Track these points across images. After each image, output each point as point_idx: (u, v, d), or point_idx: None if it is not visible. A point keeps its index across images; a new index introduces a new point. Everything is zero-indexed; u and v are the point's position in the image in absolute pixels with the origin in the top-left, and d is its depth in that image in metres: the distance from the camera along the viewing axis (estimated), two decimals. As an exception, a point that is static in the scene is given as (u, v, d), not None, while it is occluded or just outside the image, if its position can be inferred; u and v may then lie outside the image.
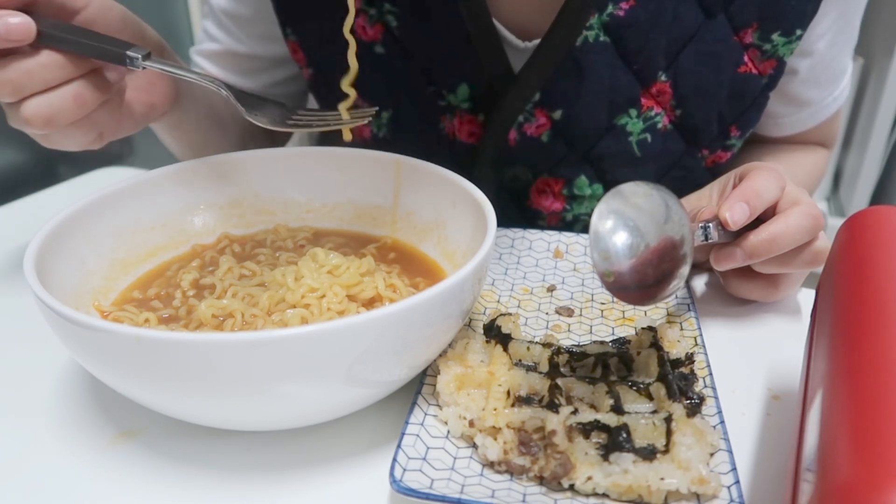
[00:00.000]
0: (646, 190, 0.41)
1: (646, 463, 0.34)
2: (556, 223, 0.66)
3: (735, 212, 0.44)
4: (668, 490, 0.33)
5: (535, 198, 0.65)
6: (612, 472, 0.34)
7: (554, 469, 0.35)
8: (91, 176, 0.81)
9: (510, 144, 0.62)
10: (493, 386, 0.39)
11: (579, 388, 0.40)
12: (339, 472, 0.38)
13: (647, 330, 0.44)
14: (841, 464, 0.24)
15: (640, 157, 0.62)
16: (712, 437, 0.36)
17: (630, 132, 0.61)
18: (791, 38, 0.58)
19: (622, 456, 0.34)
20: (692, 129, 0.62)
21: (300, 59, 0.66)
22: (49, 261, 0.40)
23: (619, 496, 0.34)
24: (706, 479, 0.33)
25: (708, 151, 0.64)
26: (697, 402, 0.39)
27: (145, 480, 0.37)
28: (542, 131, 0.61)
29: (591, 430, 0.36)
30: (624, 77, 0.58)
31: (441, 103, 0.62)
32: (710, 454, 0.36)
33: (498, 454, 0.36)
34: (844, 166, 1.72)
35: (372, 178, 0.53)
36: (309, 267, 0.44)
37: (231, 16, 0.68)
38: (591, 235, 0.39)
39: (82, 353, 0.35)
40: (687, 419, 0.36)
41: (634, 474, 0.34)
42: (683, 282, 0.42)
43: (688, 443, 0.35)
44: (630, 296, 0.41)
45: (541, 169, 0.63)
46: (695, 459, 0.34)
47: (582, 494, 0.35)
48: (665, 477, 0.33)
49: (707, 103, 0.60)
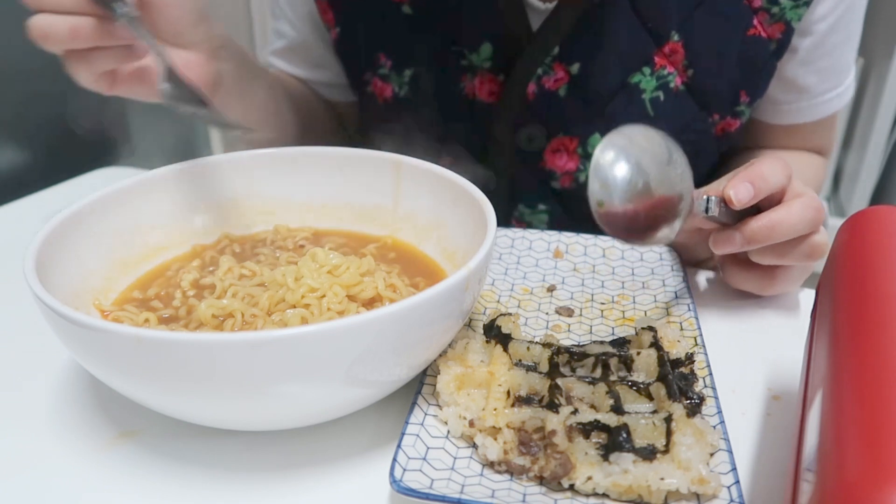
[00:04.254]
0: (653, 135, 0.43)
1: (646, 463, 0.34)
2: (568, 184, 0.67)
3: (739, 190, 0.45)
4: (668, 490, 0.33)
5: (550, 158, 0.66)
6: (612, 472, 0.34)
7: (554, 469, 0.35)
8: (91, 176, 0.81)
9: (529, 100, 0.63)
10: (494, 386, 0.39)
11: (579, 388, 0.40)
12: (339, 472, 0.38)
13: (646, 330, 0.44)
14: (841, 464, 0.24)
15: (653, 116, 0.63)
16: (712, 437, 0.36)
17: (643, 90, 0.63)
18: (798, 2, 0.60)
19: (622, 456, 0.34)
20: (703, 91, 0.63)
21: (329, 19, 0.69)
22: (49, 261, 0.40)
23: (618, 496, 0.34)
24: (706, 479, 0.33)
25: (718, 116, 0.66)
26: (697, 401, 0.39)
27: (145, 480, 0.37)
28: (560, 85, 0.63)
29: (591, 430, 0.36)
30: (638, 35, 0.61)
31: (463, 63, 0.65)
32: (710, 454, 0.36)
33: (498, 454, 0.36)
34: (844, 166, 1.72)
35: (372, 178, 0.53)
36: (309, 267, 0.44)
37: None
38: (591, 164, 0.41)
39: (82, 353, 0.35)
40: (687, 419, 0.36)
41: (634, 474, 0.34)
42: (673, 235, 0.43)
43: (688, 443, 0.35)
44: (618, 230, 0.42)
45: (556, 128, 0.65)
46: (695, 459, 0.34)
47: (582, 494, 0.35)
48: (665, 477, 0.33)
49: (718, 65, 0.62)
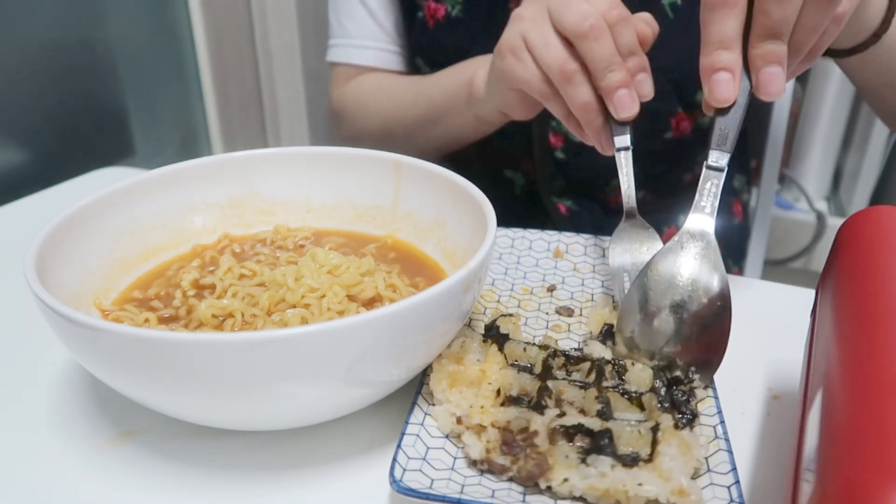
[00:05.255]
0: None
1: (625, 469, 0.34)
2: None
3: (714, 91, 0.41)
4: (647, 498, 0.33)
5: None
6: (588, 475, 0.33)
7: (530, 469, 0.34)
8: (91, 176, 0.81)
9: None
10: (483, 384, 0.39)
11: (570, 391, 0.39)
12: (339, 472, 0.38)
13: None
14: (841, 464, 0.24)
15: (672, 19, 0.65)
16: (699, 452, 0.35)
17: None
18: None
19: (599, 459, 0.34)
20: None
21: None
22: (49, 261, 0.40)
23: (596, 500, 0.34)
24: (686, 491, 0.32)
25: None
26: (690, 417, 0.38)
27: (145, 480, 0.37)
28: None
29: (575, 433, 0.36)
30: None
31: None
32: (694, 468, 0.34)
33: (480, 452, 0.36)
34: (844, 166, 1.72)
35: (372, 178, 0.53)
36: (309, 267, 0.44)
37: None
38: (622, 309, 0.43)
39: (82, 353, 0.35)
40: (674, 430, 0.35)
41: (612, 478, 0.33)
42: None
43: (672, 453, 0.34)
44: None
45: None
46: (677, 470, 0.33)
47: (560, 497, 0.34)
48: (644, 483, 0.33)
49: None
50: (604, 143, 0.51)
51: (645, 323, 0.42)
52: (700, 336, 0.41)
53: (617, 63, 0.48)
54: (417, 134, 0.75)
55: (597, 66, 0.48)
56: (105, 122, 1.02)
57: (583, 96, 0.49)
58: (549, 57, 0.49)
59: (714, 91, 0.42)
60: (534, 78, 0.51)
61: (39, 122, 0.90)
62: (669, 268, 0.43)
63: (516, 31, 0.52)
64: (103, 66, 1.00)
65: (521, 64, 0.52)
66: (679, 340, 0.41)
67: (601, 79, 0.48)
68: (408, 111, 0.76)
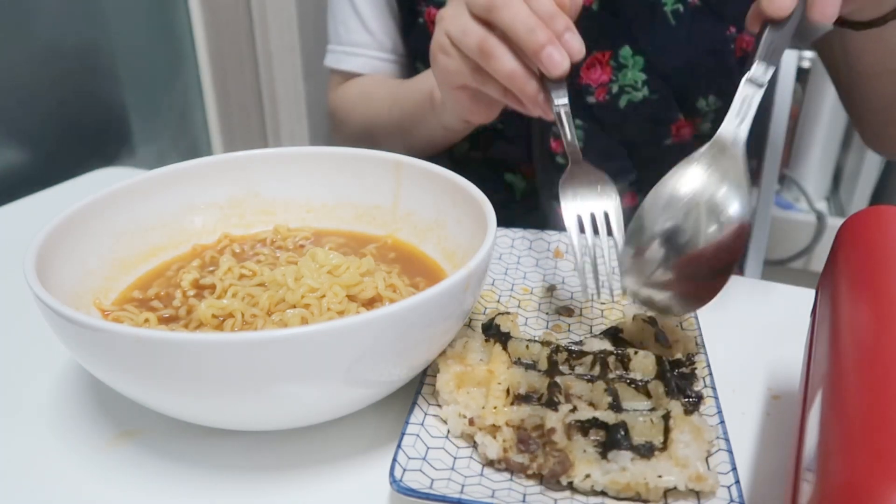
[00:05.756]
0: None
1: (644, 460, 0.34)
2: (602, 97, 0.70)
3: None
4: (667, 487, 0.33)
5: (585, 73, 0.70)
6: (610, 470, 0.34)
7: (552, 467, 0.35)
8: (91, 176, 0.81)
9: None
10: (493, 384, 0.39)
11: (578, 385, 0.40)
12: (339, 472, 0.38)
13: (648, 323, 0.44)
14: (841, 464, 0.24)
15: (674, 25, 0.66)
16: (710, 435, 0.36)
17: (664, 2, 0.66)
18: None
19: (620, 454, 0.34)
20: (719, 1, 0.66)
21: None
22: (49, 261, 0.40)
23: (617, 494, 0.34)
24: (704, 476, 0.33)
25: (735, 29, 0.68)
26: (696, 400, 0.39)
27: (145, 480, 0.37)
28: (593, 1, 0.67)
29: (590, 427, 0.36)
30: None
31: None
32: (707, 451, 0.36)
33: (497, 452, 0.36)
34: (844, 166, 1.71)
35: (372, 178, 0.53)
36: (309, 267, 0.44)
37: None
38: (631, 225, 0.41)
39: (82, 353, 0.35)
40: (685, 416, 0.36)
41: (632, 472, 0.34)
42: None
43: (685, 440, 0.35)
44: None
45: (591, 43, 0.65)
46: (692, 457, 0.34)
47: (581, 492, 0.35)
48: (663, 474, 0.34)
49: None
50: (544, 109, 0.51)
51: (645, 249, 0.41)
52: (708, 260, 0.39)
53: (536, 24, 0.47)
54: (395, 140, 0.76)
55: (516, 32, 0.47)
56: (105, 123, 1.02)
57: (506, 66, 0.49)
58: (469, 41, 0.50)
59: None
60: (463, 67, 0.51)
61: (39, 122, 0.90)
62: (681, 182, 0.41)
63: (440, 31, 0.53)
64: (103, 66, 1.00)
65: (450, 58, 0.52)
66: (674, 267, 0.40)
67: (524, 44, 0.47)
68: (384, 119, 0.76)
